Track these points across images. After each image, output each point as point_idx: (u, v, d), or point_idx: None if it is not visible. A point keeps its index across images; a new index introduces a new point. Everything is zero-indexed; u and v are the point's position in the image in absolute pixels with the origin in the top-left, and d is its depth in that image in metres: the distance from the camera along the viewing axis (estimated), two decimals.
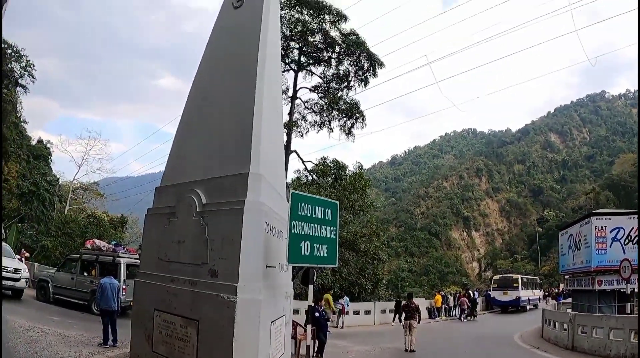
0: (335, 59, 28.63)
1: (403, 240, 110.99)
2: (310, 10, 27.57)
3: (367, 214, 29.98)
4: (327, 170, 28.85)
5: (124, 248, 18.51)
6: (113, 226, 37.44)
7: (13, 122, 38.43)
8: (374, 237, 28.36)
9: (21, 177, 37.58)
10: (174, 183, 8.15)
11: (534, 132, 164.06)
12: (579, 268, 23.50)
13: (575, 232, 24.31)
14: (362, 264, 26.81)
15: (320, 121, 29.21)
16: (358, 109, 28.61)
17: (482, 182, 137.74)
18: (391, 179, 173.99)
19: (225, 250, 6.68)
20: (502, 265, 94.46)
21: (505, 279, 39.66)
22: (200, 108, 8.40)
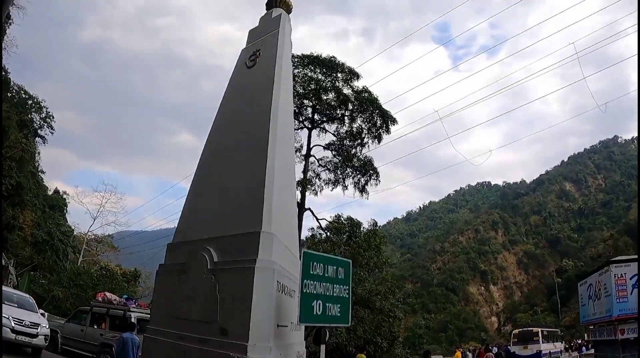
0: (349, 116, 28.98)
1: (420, 296, 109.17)
2: (323, 68, 28.16)
3: (382, 271, 29.54)
4: (342, 227, 28.66)
5: (135, 302, 18.35)
6: (126, 279, 37.33)
7: (30, 172, 39.12)
8: (390, 294, 27.81)
9: (36, 226, 37.93)
10: (186, 239, 8.17)
11: (548, 182, 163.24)
12: (600, 318, 22.83)
13: (594, 281, 23.76)
14: (377, 322, 26.19)
15: (334, 179, 29.30)
16: (372, 166, 28.73)
17: (499, 235, 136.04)
18: (406, 235, 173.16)
19: (235, 308, 6.61)
20: (522, 318, 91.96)
21: (525, 333, 38.47)
22: (213, 166, 8.51)
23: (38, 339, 14.42)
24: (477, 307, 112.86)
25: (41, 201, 42.88)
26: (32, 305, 15.87)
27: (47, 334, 14.88)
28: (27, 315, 14.54)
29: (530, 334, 37.57)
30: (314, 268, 7.00)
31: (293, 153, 11.35)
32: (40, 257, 36.92)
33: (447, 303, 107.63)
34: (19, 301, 15.14)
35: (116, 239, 55.74)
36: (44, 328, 14.85)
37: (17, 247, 35.70)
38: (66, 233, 42.41)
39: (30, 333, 14.15)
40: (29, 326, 14.14)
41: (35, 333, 14.29)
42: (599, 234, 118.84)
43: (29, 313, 14.90)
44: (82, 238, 48.30)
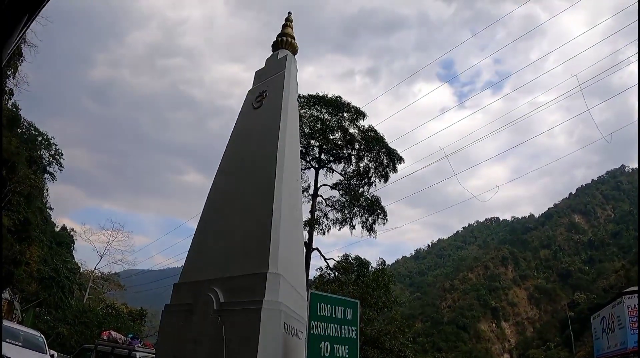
0: (355, 155, 29.26)
1: (430, 335, 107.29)
2: (330, 108, 28.57)
3: (391, 311, 29.26)
4: (350, 267, 28.59)
5: (141, 342, 18.16)
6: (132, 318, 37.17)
7: (38, 208, 39.47)
8: (399, 334, 27.44)
9: (43, 262, 38.03)
10: (192, 280, 8.15)
11: (557, 216, 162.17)
12: (615, 351, 22.38)
13: (607, 314, 23.41)
14: None
15: (341, 218, 29.44)
16: (379, 205, 28.86)
17: (509, 270, 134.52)
18: (415, 273, 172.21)
19: (242, 350, 6.53)
20: (535, 354, 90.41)
21: None
22: (219, 207, 8.55)
23: None
24: (489, 345, 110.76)
25: (48, 237, 43.15)
26: (41, 345, 14.10)
27: None
28: (31, 356, 12.69)
29: None
30: (321, 309, 6.93)
31: (300, 193, 11.40)
32: (46, 293, 36.94)
33: (458, 341, 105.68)
34: (25, 340, 13.41)
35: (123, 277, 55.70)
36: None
37: (23, 282, 35.75)
38: (72, 270, 42.49)
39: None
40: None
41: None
42: (610, 265, 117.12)
43: (34, 354, 13.04)
44: (88, 275, 48.35)
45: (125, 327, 30.44)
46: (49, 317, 34.38)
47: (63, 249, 47.04)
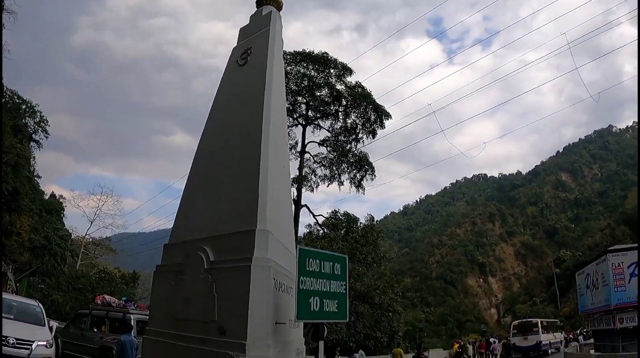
0: (343, 112, 29.10)
1: (419, 289, 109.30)
2: (316, 65, 28.23)
3: (380, 266, 29.71)
4: (339, 223, 28.88)
5: (135, 304, 18.35)
6: (125, 282, 37.32)
7: (26, 177, 39.01)
8: (389, 289, 27.98)
9: (33, 231, 37.86)
10: (182, 240, 8.18)
11: (544, 173, 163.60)
12: (598, 308, 22.86)
13: (592, 271, 23.80)
14: (377, 317, 26.38)
15: (330, 175, 29.45)
16: (367, 161, 28.88)
17: (496, 227, 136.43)
18: (404, 229, 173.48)
19: (233, 307, 6.63)
20: (521, 309, 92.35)
21: (525, 324, 38.66)
22: (207, 166, 8.51)
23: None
24: (477, 299, 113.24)
25: (38, 205, 42.76)
26: (38, 316, 12.72)
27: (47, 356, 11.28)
28: (21, 330, 11.04)
29: (529, 325, 37.75)
30: (310, 264, 7.01)
31: (287, 150, 11.38)
32: (39, 262, 36.91)
33: (446, 296, 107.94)
34: (19, 311, 12.20)
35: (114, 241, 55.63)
36: (42, 346, 11.22)
37: (15, 253, 35.66)
38: (64, 237, 42.42)
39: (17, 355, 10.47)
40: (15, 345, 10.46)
41: (25, 355, 10.61)
42: (596, 224, 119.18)
43: (29, 327, 11.65)
44: (79, 241, 48.28)
45: (119, 291, 30.61)
46: (43, 285, 34.39)
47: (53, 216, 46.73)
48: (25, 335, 10.90)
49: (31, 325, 11.82)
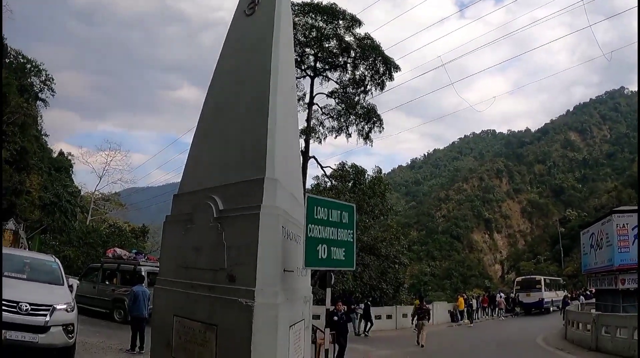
0: (351, 63, 28.70)
1: (425, 243, 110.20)
2: (324, 15, 27.69)
3: (387, 218, 29.93)
4: (346, 175, 28.95)
5: (145, 256, 18.71)
6: (135, 235, 37.98)
7: (34, 136, 39.21)
8: (395, 241, 28.30)
9: (43, 189, 38.30)
10: (190, 190, 8.23)
11: (553, 132, 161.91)
12: (601, 268, 23.05)
13: (596, 231, 23.86)
14: (383, 268, 26.80)
15: (337, 127, 29.36)
16: (375, 113, 28.67)
17: (503, 183, 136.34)
18: (411, 182, 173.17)
19: (242, 255, 6.70)
20: (525, 266, 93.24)
21: (528, 281, 39.24)
22: (215, 117, 8.47)
23: (50, 334, 8.55)
24: (481, 255, 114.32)
25: (46, 164, 43.16)
26: (54, 273, 10.68)
27: (68, 323, 8.98)
28: (36, 292, 9.21)
29: (533, 282, 38.32)
30: (318, 212, 7.07)
31: (295, 100, 11.28)
32: (49, 219, 37.53)
33: (452, 250, 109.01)
34: (33, 269, 10.29)
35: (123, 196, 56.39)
36: (62, 310, 9.02)
37: (26, 211, 36.22)
38: (73, 194, 42.94)
39: (32, 324, 8.34)
40: (30, 312, 8.36)
41: (42, 323, 8.47)
42: (602, 185, 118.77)
43: (44, 287, 9.79)
44: (89, 197, 48.96)
45: (129, 244, 31.11)
46: (55, 241, 34.95)
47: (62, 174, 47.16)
48: (41, 299, 8.82)
49: (48, 285, 9.98)
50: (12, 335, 7.94)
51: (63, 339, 8.73)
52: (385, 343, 17.55)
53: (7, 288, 7.99)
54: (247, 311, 6.39)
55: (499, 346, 18.14)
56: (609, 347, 14.92)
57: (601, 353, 14.94)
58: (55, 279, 10.42)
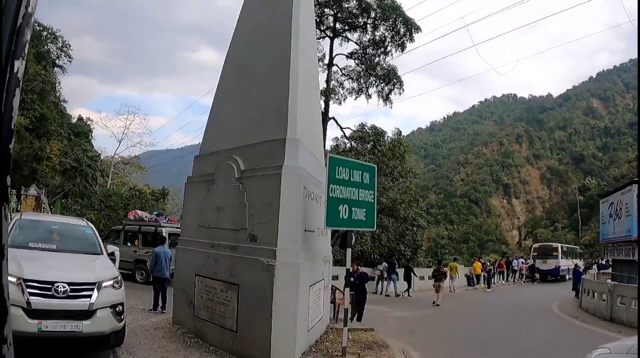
0: (371, 24, 28.00)
1: (442, 207, 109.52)
2: None
3: (406, 181, 29.81)
4: (366, 136, 28.66)
5: (166, 218, 18.92)
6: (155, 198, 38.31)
7: (53, 102, 39.53)
8: (414, 203, 28.17)
9: (63, 154, 38.78)
10: (212, 151, 8.28)
11: (575, 98, 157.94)
12: (619, 237, 22.69)
13: (616, 200, 23.42)
14: (401, 230, 26.79)
15: (357, 88, 28.88)
16: (395, 74, 28.13)
17: (523, 149, 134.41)
18: (430, 145, 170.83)
19: (264, 214, 6.77)
20: (542, 233, 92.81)
21: (546, 248, 39.01)
22: (235, 78, 8.42)
23: (97, 319, 6.47)
24: (499, 220, 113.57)
25: (66, 129, 43.59)
26: (89, 240, 8.37)
27: (117, 302, 6.86)
28: (73, 267, 7.16)
29: (550, 249, 38.07)
30: (340, 172, 7.05)
31: (316, 61, 11.12)
32: (70, 184, 37.98)
33: (470, 214, 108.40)
34: (64, 237, 8.09)
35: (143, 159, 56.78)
36: (109, 288, 6.84)
37: (47, 177, 36.83)
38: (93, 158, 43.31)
39: (73, 309, 6.32)
40: (70, 294, 6.32)
41: (86, 306, 6.38)
42: (623, 155, 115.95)
43: (79, 259, 7.64)
44: (109, 161, 49.42)
45: (150, 206, 31.43)
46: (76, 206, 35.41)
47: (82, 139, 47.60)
48: (82, 275, 6.78)
49: (85, 257, 7.78)
50: (49, 326, 5.91)
51: (112, 323, 6.64)
52: (402, 305, 17.73)
53: (35, 264, 6.69)
54: (268, 270, 6.50)
55: (514, 310, 18.23)
56: (623, 318, 14.84)
57: (615, 323, 14.86)
58: (92, 247, 8.14)
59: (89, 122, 52.99)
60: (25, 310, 5.83)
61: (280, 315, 6.40)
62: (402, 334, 10.81)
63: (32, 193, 30.32)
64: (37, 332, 5.85)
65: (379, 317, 13.62)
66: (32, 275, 6.12)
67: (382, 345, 8.60)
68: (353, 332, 9.20)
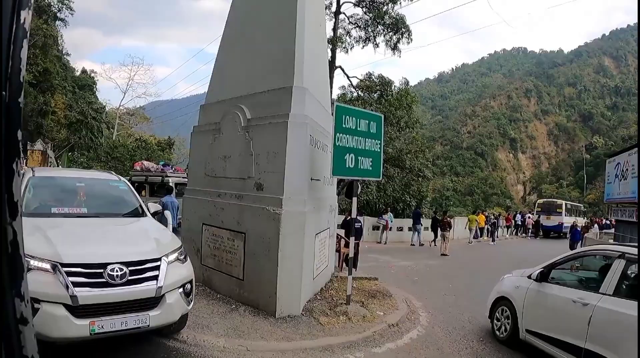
0: None
1: (448, 158, 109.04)
2: None
3: (413, 131, 29.68)
4: (373, 86, 28.33)
5: (172, 168, 18.95)
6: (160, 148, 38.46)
7: (55, 56, 39.04)
8: (420, 154, 28.15)
9: (68, 108, 38.60)
10: (217, 99, 8.21)
11: (587, 55, 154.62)
12: (624, 198, 22.70)
13: (623, 161, 23.24)
14: (406, 181, 26.85)
15: (365, 37, 28.25)
16: (404, 23, 27.46)
17: (531, 103, 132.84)
18: (438, 96, 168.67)
19: (270, 163, 6.78)
20: (547, 189, 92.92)
21: (550, 204, 39.13)
22: (241, 26, 8.26)
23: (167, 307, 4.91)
24: (504, 174, 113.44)
25: (70, 83, 43.21)
26: (125, 197, 6.69)
27: (186, 280, 5.32)
28: (121, 240, 5.52)
29: (554, 205, 38.19)
30: (347, 121, 6.99)
31: (323, 8, 10.86)
32: (76, 137, 38.01)
33: (475, 167, 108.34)
34: (94, 197, 6.36)
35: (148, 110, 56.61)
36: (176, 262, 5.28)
37: (53, 131, 36.76)
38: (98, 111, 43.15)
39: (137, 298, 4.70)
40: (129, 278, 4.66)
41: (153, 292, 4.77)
42: (633, 115, 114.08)
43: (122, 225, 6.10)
44: (114, 113, 49.29)
45: (156, 157, 31.56)
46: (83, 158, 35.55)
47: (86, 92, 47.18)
48: (139, 250, 5.00)
49: (128, 221, 6.20)
50: (104, 325, 4.37)
51: (183, 307, 5.19)
52: (406, 254, 17.93)
53: (71, 239, 5.05)
54: (274, 219, 6.56)
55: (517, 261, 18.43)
56: None
57: None
58: (132, 208, 6.44)
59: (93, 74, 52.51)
60: (69, 308, 4.24)
61: (286, 263, 6.51)
62: (406, 284, 11.01)
63: (39, 147, 30.34)
64: (90, 335, 4.31)
65: (384, 266, 13.84)
66: (72, 257, 4.44)
67: (385, 293, 8.78)
68: (357, 281, 9.39)
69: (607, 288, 5.12)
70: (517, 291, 6.68)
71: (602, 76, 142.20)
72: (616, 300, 4.95)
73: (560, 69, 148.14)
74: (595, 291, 5.26)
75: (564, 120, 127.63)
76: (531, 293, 6.34)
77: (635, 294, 4.86)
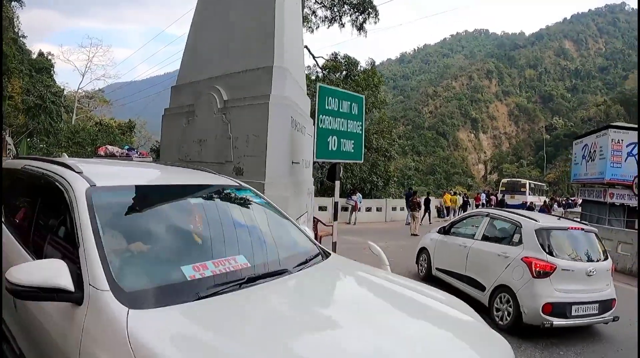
0: None
1: (410, 138, 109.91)
2: None
3: (379, 111, 29.75)
4: (339, 66, 28.21)
5: (138, 152, 18.49)
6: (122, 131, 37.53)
7: (12, 39, 37.34)
8: (387, 134, 28.28)
9: (25, 92, 37.12)
10: (191, 80, 7.87)
11: (548, 38, 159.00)
12: (591, 179, 23.43)
13: (590, 142, 23.95)
14: (373, 161, 26.92)
15: (331, 16, 28.09)
16: (371, 3, 27.35)
17: (492, 84, 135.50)
18: (399, 77, 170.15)
19: (250, 147, 6.54)
20: (508, 169, 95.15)
21: (514, 183, 40.06)
22: (215, 2, 7.90)
23: None
24: (466, 153, 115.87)
25: (27, 66, 41.46)
26: (285, 224, 3.69)
27: None
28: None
29: (518, 185, 39.16)
30: (330, 103, 6.84)
31: None
32: (35, 122, 36.63)
33: (437, 147, 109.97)
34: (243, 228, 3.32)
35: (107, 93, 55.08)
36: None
37: (10, 116, 35.31)
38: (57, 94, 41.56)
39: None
40: None
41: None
42: (592, 98, 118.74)
43: None
44: (73, 96, 47.70)
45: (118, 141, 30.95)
46: (43, 144, 34.47)
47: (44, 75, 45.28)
48: None
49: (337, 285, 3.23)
50: None
51: None
52: (377, 235, 17.92)
53: None
54: None
55: None
56: None
57: None
58: (307, 246, 3.47)
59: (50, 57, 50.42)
60: None
61: None
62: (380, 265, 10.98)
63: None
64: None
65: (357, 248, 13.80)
66: None
67: None
68: None
69: (477, 236, 7.91)
70: (431, 243, 9.44)
71: (563, 58, 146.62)
72: (482, 243, 7.68)
73: (521, 51, 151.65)
74: (471, 238, 8.01)
75: (524, 101, 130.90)
76: (439, 243, 9.10)
77: (494, 239, 7.54)
